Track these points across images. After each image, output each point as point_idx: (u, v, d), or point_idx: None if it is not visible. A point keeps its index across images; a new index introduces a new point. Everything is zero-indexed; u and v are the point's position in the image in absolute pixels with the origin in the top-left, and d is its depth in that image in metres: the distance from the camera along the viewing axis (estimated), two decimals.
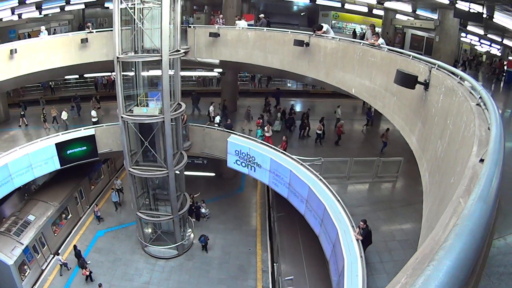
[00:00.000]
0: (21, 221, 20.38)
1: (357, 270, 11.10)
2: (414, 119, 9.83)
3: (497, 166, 3.34)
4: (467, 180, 3.85)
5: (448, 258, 1.95)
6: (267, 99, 28.80)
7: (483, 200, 2.60)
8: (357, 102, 27.00)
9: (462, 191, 3.66)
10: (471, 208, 2.51)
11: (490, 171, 3.14)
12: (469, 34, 28.85)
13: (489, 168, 3.22)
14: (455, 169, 5.40)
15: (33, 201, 22.34)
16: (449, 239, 2.12)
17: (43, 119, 24.20)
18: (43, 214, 21.37)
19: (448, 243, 2.07)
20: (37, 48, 18.41)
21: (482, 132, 5.04)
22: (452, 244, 2.06)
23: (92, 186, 27.81)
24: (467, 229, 2.23)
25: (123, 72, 17.87)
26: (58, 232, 22.88)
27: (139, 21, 17.36)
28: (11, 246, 18.85)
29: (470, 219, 2.35)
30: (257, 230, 25.29)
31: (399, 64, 10.95)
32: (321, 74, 16.17)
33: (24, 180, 20.09)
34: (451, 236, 2.16)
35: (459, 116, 6.49)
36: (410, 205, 15.53)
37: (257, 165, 19.64)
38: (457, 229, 2.24)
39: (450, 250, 2.00)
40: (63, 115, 24.58)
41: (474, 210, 2.48)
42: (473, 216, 2.40)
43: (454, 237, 2.15)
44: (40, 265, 20.87)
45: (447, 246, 2.04)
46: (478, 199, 2.61)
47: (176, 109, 19.38)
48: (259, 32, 18.93)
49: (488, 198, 2.68)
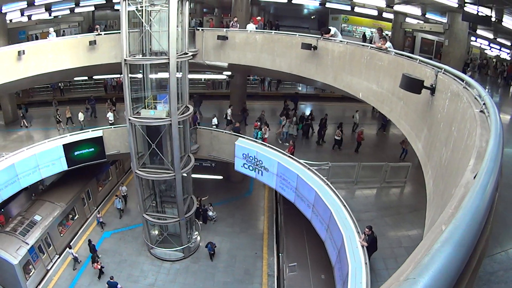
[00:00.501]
0: (27, 221, 20.50)
1: (361, 277, 10.94)
2: (420, 124, 9.66)
3: (487, 189, 2.98)
4: (456, 201, 3.51)
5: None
6: (286, 102, 28.48)
7: (452, 244, 2.28)
8: (367, 106, 26.87)
9: (447, 215, 3.32)
10: (440, 248, 2.23)
11: (473, 202, 2.78)
12: (478, 38, 28.51)
13: (472, 198, 2.85)
14: (457, 180, 5.09)
15: (40, 201, 22.47)
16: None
17: (57, 120, 24.39)
18: (50, 215, 21.48)
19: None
20: (45, 49, 18.46)
21: (482, 143, 4.78)
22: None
23: (99, 187, 27.92)
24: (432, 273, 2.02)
25: (131, 74, 17.90)
26: (64, 232, 22.98)
27: (147, 24, 17.38)
28: (16, 246, 18.94)
29: (437, 261, 2.11)
30: (264, 234, 25.15)
31: (406, 68, 10.80)
32: (328, 78, 16.04)
33: (31, 180, 20.15)
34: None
35: (463, 123, 6.31)
36: (417, 211, 15.25)
37: (264, 168, 19.52)
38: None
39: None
40: (80, 116, 24.77)
41: (441, 253, 2.19)
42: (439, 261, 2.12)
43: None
44: (45, 265, 20.95)
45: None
46: (446, 242, 2.30)
47: (184, 111, 19.34)
48: (267, 35, 18.86)
49: (462, 239, 2.36)
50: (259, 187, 30.21)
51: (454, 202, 3.53)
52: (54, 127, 24.80)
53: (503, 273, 2.72)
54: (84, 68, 20.07)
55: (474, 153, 4.55)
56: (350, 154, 21.67)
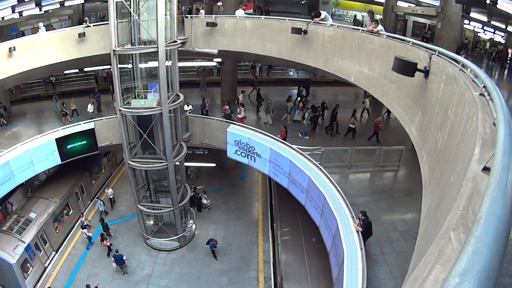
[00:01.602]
0: (23, 219, 20.35)
1: (357, 263, 10.94)
2: (414, 108, 9.54)
3: (507, 185, 2.35)
4: (464, 200, 2.99)
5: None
6: (300, 88, 28.11)
7: (481, 254, 1.75)
8: (359, 89, 26.52)
9: (455, 218, 2.79)
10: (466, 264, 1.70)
11: (494, 213, 2.08)
12: (472, 21, 28.26)
13: (495, 198, 2.21)
14: (455, 167, 5.00)
15: (35, 198, 22.28)
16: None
17: (64, 113, 24.28)
18: (45, 211, 21.32)
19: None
20: (35, 44, 18.30)
21: (486, 129, 4.40)
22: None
23: (93, 180, 27.73)
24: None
25: (120, 64, 17.68)
26: (59, 228, 22.84)
27: (135, 13, 17.09)
28: (14, 245, 18.82)
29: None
30: (259, 220, 25.18)
31: (399, 51, 10.63)
32: (319, 62, 15.87)
33: (26, 176, 19.94)
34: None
35: (460, 106, 6.15)
36: (412, 194, 15.28)
37: (257, 155, 19.45)
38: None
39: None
40: (89, 108, 24.56)
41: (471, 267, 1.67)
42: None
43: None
44: (43, 262, 20.87)
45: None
46: (474, 253, 1.76)
47: (175, 100, 19.14)
48: (256, 20, 18.62)
49: (494, 246, 1.81)
50: (252, 174, 30.18)
51: (463, 200, 3.03)
52: (48, 121, 24.51)
53: (507, 265, 2.52)
54: (75, 61, 19.88)
55: (479, 140, 4.16)
56: (342, 139, 21.52)
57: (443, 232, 2.79)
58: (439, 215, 4.50)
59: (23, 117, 26.16)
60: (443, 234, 2.76)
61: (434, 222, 4.78)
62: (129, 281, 20.42)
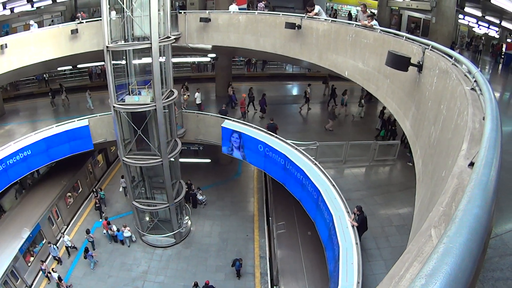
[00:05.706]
0: None
1: (353, 257, 10.94)
2: (408, 102, 9.54)
3: (488, 187, 2.32)
4: (447, 196, 2.96)
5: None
6: (330, 84, 27.29)
7: (452, 254, 1.72)
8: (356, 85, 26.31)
9: (438, 215, 2.75)
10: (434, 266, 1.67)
11: (473, 205, 2.10)
12: (466, 16, 28.27)
13: (473, 199, 2.18)
14: (446, 161, 4.99)
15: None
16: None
17: None
18: None
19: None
20: (27, 41, 18.24)
21: (475, 124, 4.40)
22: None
23: None
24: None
25: (114, 61, 17.53)
26: None
27: (127, 9, 16.95)
28: None
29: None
30: (255, 215, 25.17)
31: (392, 45, 10.63)
32: (313, 57, 15.82)
33: (19, 174, 19.84)
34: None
35: (452, 101, 6.14)
36: (407, 189, 15.29)
37: (251, 150, 19.47)
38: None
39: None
40: (90, 102, 25.06)
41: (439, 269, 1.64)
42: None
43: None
44: None
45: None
46: (444, 253, 1.73)
47: (169, 96, 19.04)
48: (250, 15, 18.51)
49: (467, 246, 1.78)
50: (248, 169, 30.18)
51: (446, 197, 3.02)
52: (41, 119, 24.39)
53: (498, 259, 2.51)
54: (68, 58, 19.77)
55: (467, 135, 4.13)
56: (337, 134, 21.52)
57: (425, 229, 2.74)
58: (431, 210, 4.49)
59: (16, 115, 25.96)
60: (424, 231, 2.70)
61: (426, 217, 4.76)
62: (125, 278, 20.38)
